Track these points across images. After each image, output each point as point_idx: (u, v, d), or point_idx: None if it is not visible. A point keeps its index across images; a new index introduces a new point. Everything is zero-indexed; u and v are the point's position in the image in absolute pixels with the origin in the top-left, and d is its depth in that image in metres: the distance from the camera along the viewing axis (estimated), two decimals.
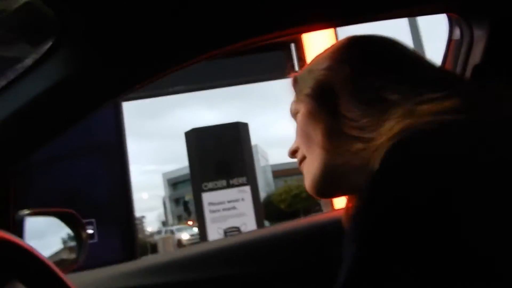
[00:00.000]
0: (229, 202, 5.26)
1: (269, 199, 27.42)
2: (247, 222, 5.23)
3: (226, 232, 5.16)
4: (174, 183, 39.98)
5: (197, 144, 5.46)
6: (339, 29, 2.78)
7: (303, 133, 0.60)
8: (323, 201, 3.49)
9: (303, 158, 0.62)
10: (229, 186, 5.33)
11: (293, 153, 0.65)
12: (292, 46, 4.20)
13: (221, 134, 5.46)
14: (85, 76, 0.59)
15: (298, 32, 0.69)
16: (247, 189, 5.30)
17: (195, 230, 18.64)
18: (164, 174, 43.21)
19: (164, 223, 38.95)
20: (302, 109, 0.61)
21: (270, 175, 38.63)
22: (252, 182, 5.36)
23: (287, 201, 24.80)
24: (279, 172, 37.23)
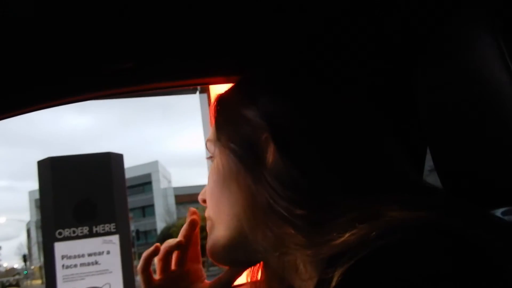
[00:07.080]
0: (90, 255, 5.06)
1: (168, 232, 26.72)
2: (112, 281, 5.07)
3: None
4: None
5: (53, 178, 5.19)
6: None
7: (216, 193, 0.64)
8: None
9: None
10: (92, 234, 5.13)
11: (204, 202, 0.68)
12: None
13: (87, 166, 5.26)
14: None
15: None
16: (115, 239, 5.14)
17: None
18: (31, 193, 40.07)
19: (26, 258, 35.91)
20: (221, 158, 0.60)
21: (172, 201, 37.76)
22: (122, 230, 5.22)
23: None
24: (183, 198, 36.39)
